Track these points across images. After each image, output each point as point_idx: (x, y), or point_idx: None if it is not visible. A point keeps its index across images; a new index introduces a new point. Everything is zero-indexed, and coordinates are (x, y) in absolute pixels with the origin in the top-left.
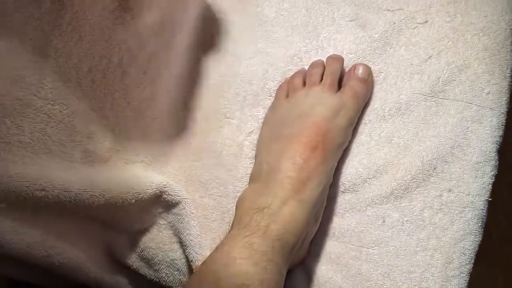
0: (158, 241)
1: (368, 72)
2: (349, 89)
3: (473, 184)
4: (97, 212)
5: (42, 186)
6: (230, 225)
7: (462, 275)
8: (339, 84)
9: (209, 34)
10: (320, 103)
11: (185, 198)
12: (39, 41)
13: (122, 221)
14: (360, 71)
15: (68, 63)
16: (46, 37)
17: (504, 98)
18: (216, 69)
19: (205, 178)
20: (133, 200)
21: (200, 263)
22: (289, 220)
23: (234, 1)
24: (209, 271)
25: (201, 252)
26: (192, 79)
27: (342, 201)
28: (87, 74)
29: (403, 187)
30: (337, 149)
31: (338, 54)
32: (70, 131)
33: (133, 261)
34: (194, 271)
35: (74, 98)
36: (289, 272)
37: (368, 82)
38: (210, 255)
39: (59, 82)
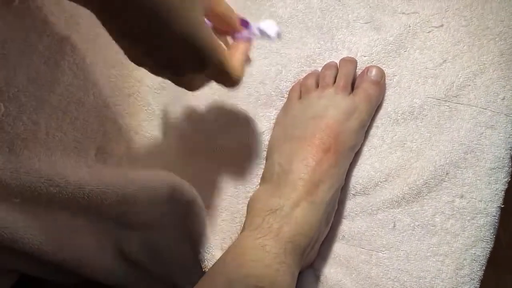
0: (169, 239)
1: (381, 74)
2: (362, 91)
3: (485, 190)
4: (109, 209)
5: (56, 182)
6: (241, 225)
7: (473, 281)
8: (352, 87)
9: None
10: (333, 105)
11: (197, 198)
12: (56, 37)
13: (133, 218)
14: (373, 73)
15: (85, 60)
16: (64, 33)
17: None
18: None
19: (215, 178)
20: (145, 198)
21: (209, 262)
22: (301, 222)
23: (248, 2)
24: (221, 272)
25: (211, 252)
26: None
27: (353, 204)
28: (102, 70)
29: (415, 192)
30: (349, 152)
31: (351, 56)
32: (86, 129)
33: (143, 259)
34: (204, 270)
35: (90, 95)
36: (299, 274)
37: (381, 84)
38: (221, 256)
39: (75, 79)
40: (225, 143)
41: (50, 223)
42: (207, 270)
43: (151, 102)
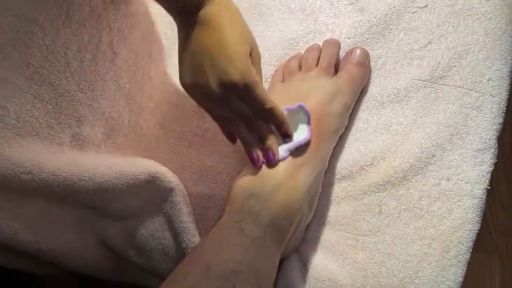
0: (150, 228)
1: (366, 56)
2: (346, 73)
3: (472, 172)
4: (87, 198)
5: (28, 169)
6: None
7: (459, 264)
8: (336, 69)
9: None
10: (316, 88)
11: (178, 185)
12: (23, 18)
13: (113, 207)
14: (357, 54)
15: (56, 42)
16: (31, 14)
17: (505, 85)
18: None
19: (199, 165)
20: (124, 186)
21: None
22: (282, 206)
23: None
24: (199, 257)
25: (194, 240)
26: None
27: (339, 188)
28: (76, 54)
29: (401, 175)
30: (332, 135)
31: (335, 38)
32: (58, 113)
33: (125, 248)
34: None
35: (63, 79)
36: (284, 260)
37: (365, 66)
38: (200, 241)
39: (46, 61)
40: (209, 128)
41: (25, 211)
42: None
43: (127, 86)
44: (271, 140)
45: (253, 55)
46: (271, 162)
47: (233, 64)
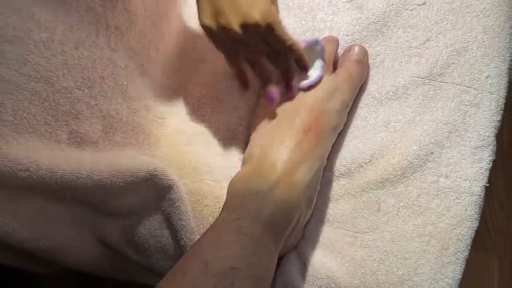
0: (148, 226)
1: (364, 53)
2: (344, 70)
3: (470, 169)
4: (85, 195)
5: (26, 166)
6: None
7: (458, 261)
8: (334, 67)
9: None
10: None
11: (176, 183)
12: (19, 14)
13: (111, 205)
14: (355, 52)
15: (53, 38)
16: (28, 11)
17: (503, 82)
18: (209, 51)
19: (197, 163)
20: (122, 183)
21: None
22: (280, 204)
23: None
24: (198, 254)
25: (193, 238)
26: (183, 62)
27: (337, 186)
28: (73, 51)
29: (399, 172)
30: (330, 132)
31: (333, 35)
32: (56, 111)
33: (124, 246)
34: None
35: (60, 76)
36: (283, 257)
37: (363, 63)
38: (199, 238)
39: (43, 58)
40: (207, 126)
41: (23, 209)
42: None
43: (126, 84)
44: (291, 74)
45: None
46: (292, 95)
47: (255, 4)
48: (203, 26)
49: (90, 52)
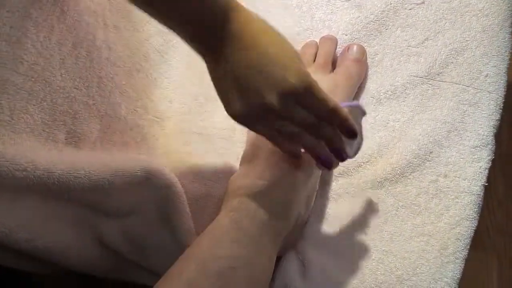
0: (147, 226)
1: (362, 52)
2: (343, 69)
3: (469, 168)
4: (83, 195)
5: (23, 166)
6: None
7: (457, 260)
8: (333, 66)
9: None
10: None
11: (174, 183)
12: (17, 13)
13: (109, 205)
14: (354, 51)
15: (50, 38)
16: (25, 10)
17: (502, 81)
18: None
19: (195, 163)
20: (120, 183)
21: None
22: (279, 203)
23: None
24: (196, 253)
25: (191, 238)
26: (182, 62)
27: (336, 185)
28: (71, 50)
29: (398, 172)
30: None
31: (332, 35)
32: (54, 111)
33: (122, 246)
34: None
35: (57, 76)
36: (282, 257)
37: (362, 62)
38: (197, 238)
39: (40, 58)
40: (207, 126)
41: (20, 209)
42: None
43: (124, 84)
44: (341, 140)
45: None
46: (343, 160)
47: (289, 69)
48: (234, 115)
49: (88, 51)
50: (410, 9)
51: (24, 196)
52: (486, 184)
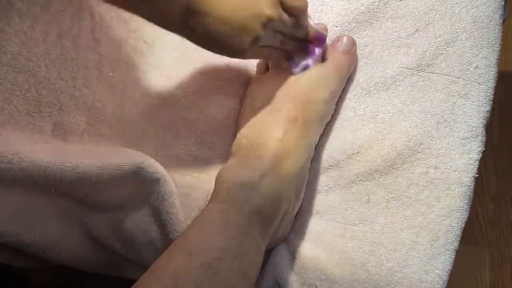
0: (136, 220)
1: (352, 43)
2: (332, 61)
3: (460, 160)
4: (70, 188)
5: (8, 158)
6: None
7: (448, 252)
8: (323, 57)
9: None
10: (302, 75)
11: (164, 176)
12: None
13: (97, 198)
14: (343, 42)
15: (35, 28)
16: (8, 0)
17: (492, 73)
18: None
19: (185, 156)
20: (108, 176)
21: None
22: (267, 194)
23: None
24: (182, 245)
25: (181, 231)
26: (170, 54)
27: (326, 177)
28: (56, 41)
29: (389, 164)
30: (318, 122)
31: (323, 23)
32: (39, 102)
33: (111, 240)
34: None
35: (42, 67)
36: (273, 250)
37: (352, 54)
38: (184, 230)
39: (24, 48)
40: (196, 118)
41: (5, 202)
42: None
43: (111, 75)
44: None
45: None
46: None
47: None
48: (245, 50)
49: (74, 42)
50: (400, 1)
51: (9, 188)
52: (477, 175)
